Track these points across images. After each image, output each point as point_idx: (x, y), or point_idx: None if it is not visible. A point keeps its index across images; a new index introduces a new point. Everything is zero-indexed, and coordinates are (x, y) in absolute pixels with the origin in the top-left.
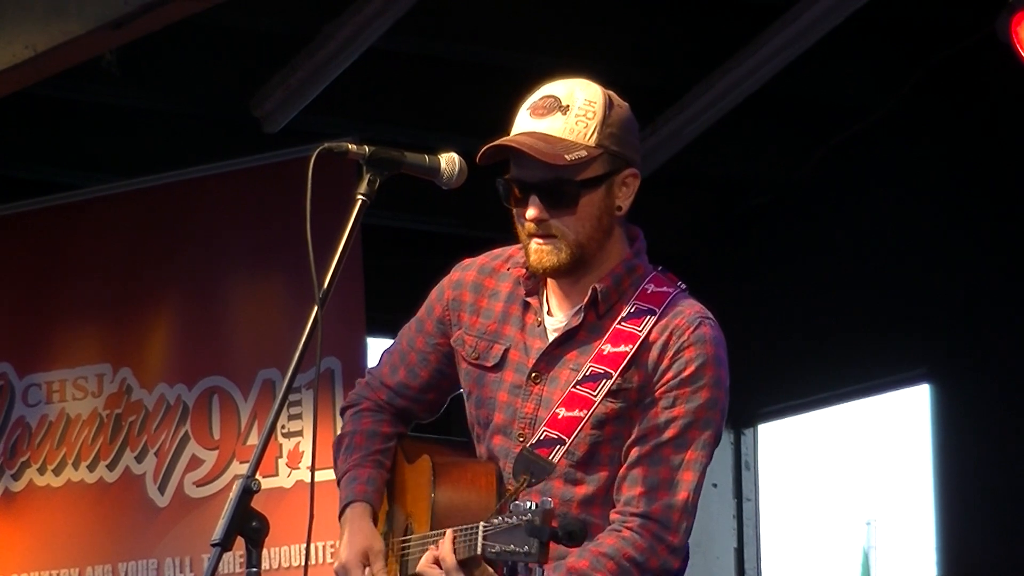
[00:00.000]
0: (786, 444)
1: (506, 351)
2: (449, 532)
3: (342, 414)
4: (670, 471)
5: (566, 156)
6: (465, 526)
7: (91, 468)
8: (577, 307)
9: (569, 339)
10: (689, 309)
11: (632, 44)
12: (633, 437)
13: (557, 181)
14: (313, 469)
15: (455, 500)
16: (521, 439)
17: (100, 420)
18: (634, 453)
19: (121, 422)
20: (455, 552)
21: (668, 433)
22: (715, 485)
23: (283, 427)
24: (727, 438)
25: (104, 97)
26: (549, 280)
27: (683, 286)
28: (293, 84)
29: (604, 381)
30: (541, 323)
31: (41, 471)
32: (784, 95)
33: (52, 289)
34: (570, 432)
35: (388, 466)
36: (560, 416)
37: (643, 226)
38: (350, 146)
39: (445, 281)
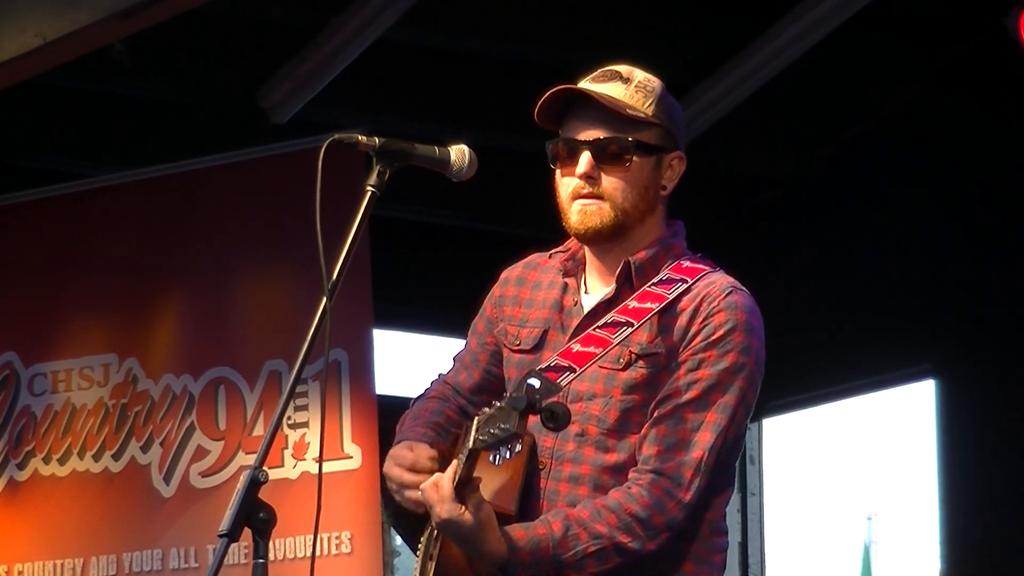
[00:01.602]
0: (791, 438)
1: (544, 332)
2: (454, 462)
3: (411, 404)
4: (688, 431)
5: (627, 111)
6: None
7: (96, 458)
8: (612, 284)
9: (602, 313)
10: (722, 279)
11: (640, 38)
12: (657, 399)
13: (613, 138)
14: (321, 460)
15: (482, 461)
16: None
17: (106, 410)
18: (655, 414)
19: (127, 412)
20: (453, 478)
21: (690, 394)
22: None
23: (289, 418)
24: None
25: (113, 87)
26: (588, 260)
27: (720, 270)
28: (301, 75)
29: (624, 329)
30: (578, 302)
31: (46, 461)
32: (793, 91)
33: (59, 278)
34: (581, 363)
35: (450, 441)
36: (574, 350)
37: None
38: (360, 137)
39: (495, 284)
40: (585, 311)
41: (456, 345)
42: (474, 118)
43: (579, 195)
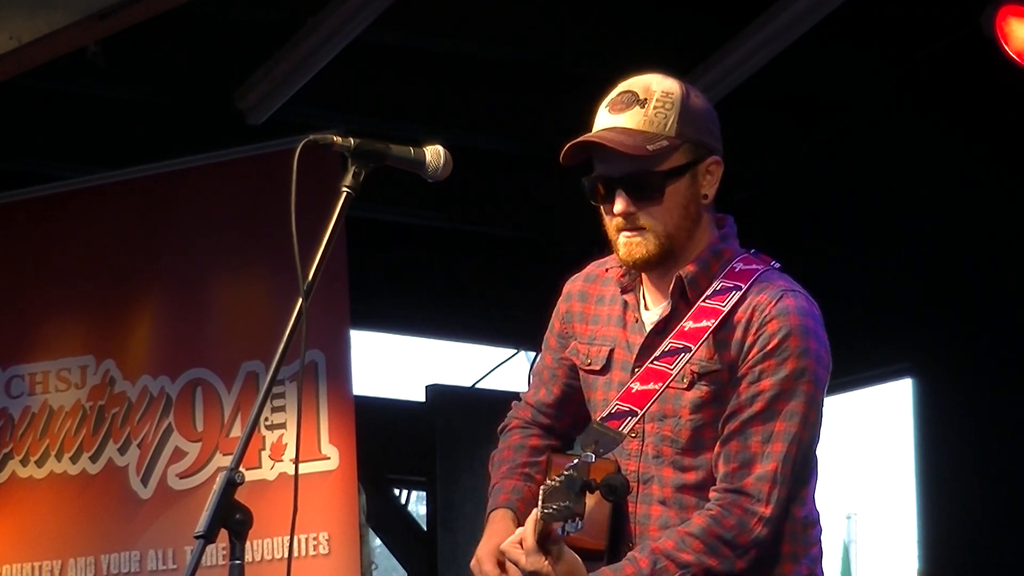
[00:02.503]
0: None
1: (611, 352)
2: (533, 512)
3: (498, 437)
4: (759, 444)
5: (648, 147)
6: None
7: (74, 460)
8: (668, 298)
9: (664, 329)
10: (772, 285)
11: (616, 38)
12: (725, 415)
13: (642, 173)
14: (297, 462)
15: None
16: (634, 435)
17: (83, 412)
18: (725, 431)
19: (104, 414)
20: (535, 532)
21: (755, 407)
22: None
23: (266, 419)
24: None
25: (89, 88)
26: (644, 275)
27: (776, 265)
28: (278, 76)
29: (682, 355)
30: (639, 319)
31: (24, 463)
32: (769, 90)
33: (36, 280)
34: (642, 404)
35: (538, 479)
36: (634, 390)
37: None
38: (335, 138)
39: (560, 299)
40: (646, 326)
41: (433, 345)
42: (450, 119)
43: (622, 229)
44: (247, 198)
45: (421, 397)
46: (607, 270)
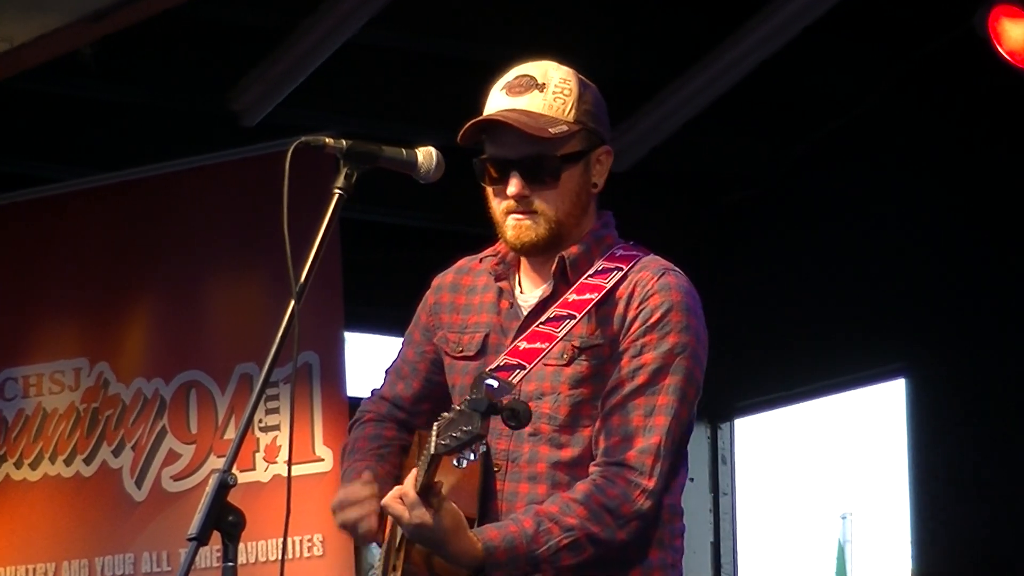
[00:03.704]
0: (763, 438)
1: (485, 337)
2: (413, 470)
3: (349, 431)
4: (642, 418)
5: (550, 130)
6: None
7: (68, 462)
8: (548, 281)
9: (542, 311)
10: (654, 263)
11: (611, 38)
12: (605, 391)
13: (539, 157)
14: (290, 463)
15: (440, 476)
16: None
17: (77, 414)
18: (606, 405)
19: (98, 416)
20: (416, 485)
21: (637, 381)
22: (691, 479)
23: (260, 421)
24: (703, 432)
25: (82, 91)
26: (523, 261)
27: (653, 255)
28: (271, 78)
29: (567, 321)
30: (513, 304)
31: (18, 465)
32: (765, 89)
33: (30, 283)
34: (530, 360)
35: (393, 461)
36: (521, 348)
37: (621, 221)
38: (327, 140)
39: (428, 292)
40: (524, 311)
41: None
42: (443, 120)
43: (512, 211)
44: (241, 200)
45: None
46: (480, 261)
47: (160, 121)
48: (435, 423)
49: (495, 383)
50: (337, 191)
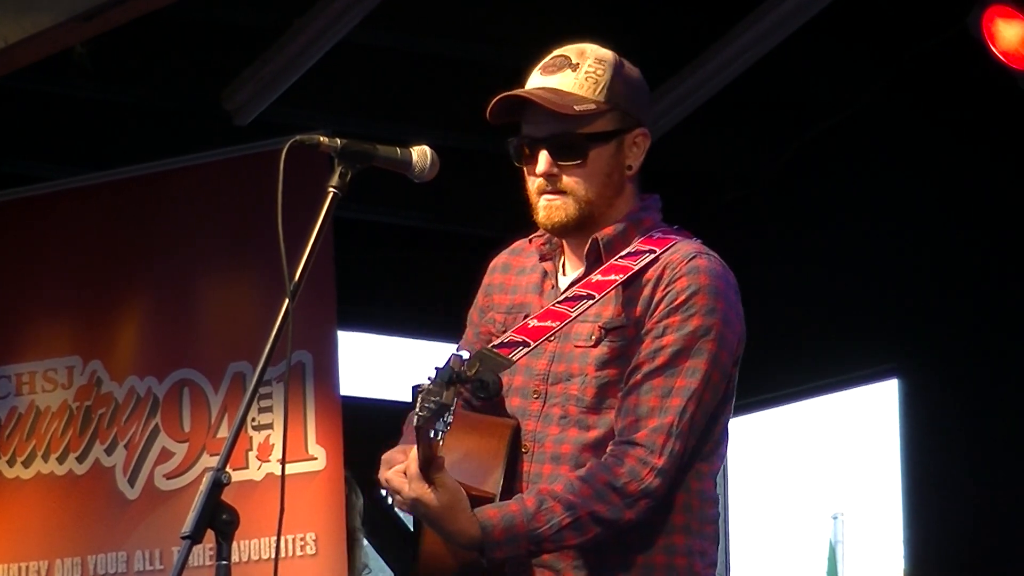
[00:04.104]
0: (755, 439)
1: (526, 318)
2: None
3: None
4: (658, 399)
5: (575, 107)
6: None
7: (61, 460)
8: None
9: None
10: (688, 246)
11: (603, 38)
12: (627, 371)
13: (566, 134)
14: (284, 462)
15: (464, 446)
16: (536, 396)
17: (70, 412)
18: (626, 385)
19: (91, 414)
20: (418, 459)
21: (657, 362)
22: None
23: (253, 420)
24: None
25: (75, 90)
26: (564, 243)
27: (694, 238)
28: (264, 77)
29: (584, 301)
30: (555, 285)
31: (11, 463)
32: (757, 90)
33: (22, 282)
34: (535, 338)
35: None
36: (530, 326)
37: None
38: (322, 139)
39: (486, 272)
40: (562, 292)
41: (420, 346)
42: (437, 119)
43: (543, 191)
44: (234, 199)
45: (408, 397)
46: (530, 241)
47: (153, 120)
48: (420, 392)
49: (465, 355)
50: (331, 190)
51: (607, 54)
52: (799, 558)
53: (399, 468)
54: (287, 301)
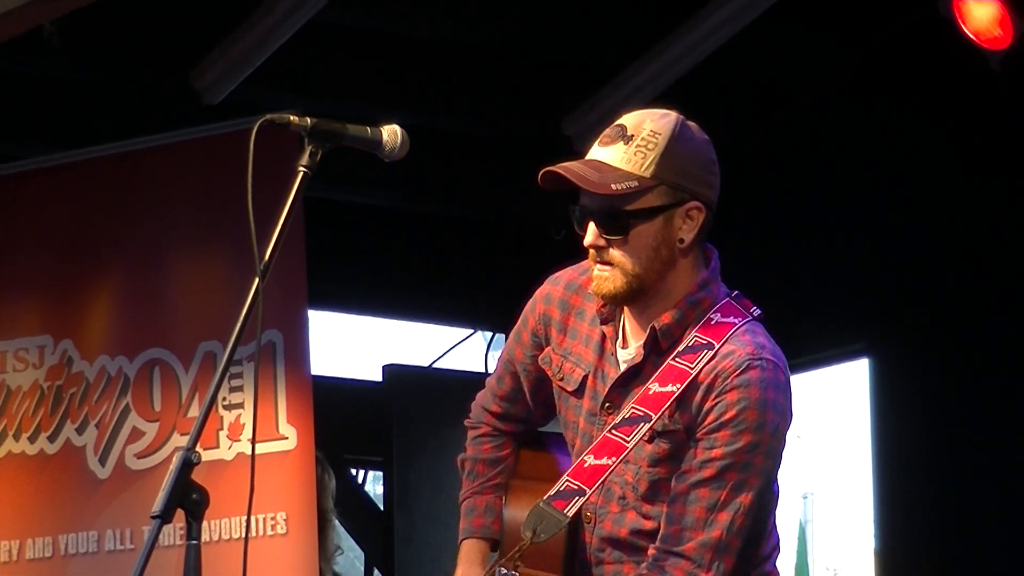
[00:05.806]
0: None
1: (585, 377)
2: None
3: (467, 431)
4: (704, 510)
5: (613, 186)
6: None
7: (32, 440)
8: (641, 342)
9: (636, 374)
10: (742, 349)
11: (569, 20)
12: (676, 475)
13: (609, 210)
14: (254, 442)
15: (518, 519)
16: None
17: (41, 392)
18: (674, 491)
19: (62, 394)
20: None
21: (705, 473)
22: None
23: (224, 399)
24: None
25: (44, 69)
26: (625, 307)
27: (756, 312)
28: (234, 56)
29: (642, 424)
30: (615, 353)
31: None
32: (724, 72)
33: None
34: (591, 483)
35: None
36: (586, 464)
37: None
38: (292, 118)
39: (538, 293)
40: (620, 363)
41: (391, 325)
42: (407, 100)
43: (595, 260)
44: (204, 178)
45: (378, 377)
46: (581, 275)
47: (123, 99)
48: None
49: (536, 524)
50: (302, 169)
51: (666, 124)
52: None
53: None
54: (257, 280)
